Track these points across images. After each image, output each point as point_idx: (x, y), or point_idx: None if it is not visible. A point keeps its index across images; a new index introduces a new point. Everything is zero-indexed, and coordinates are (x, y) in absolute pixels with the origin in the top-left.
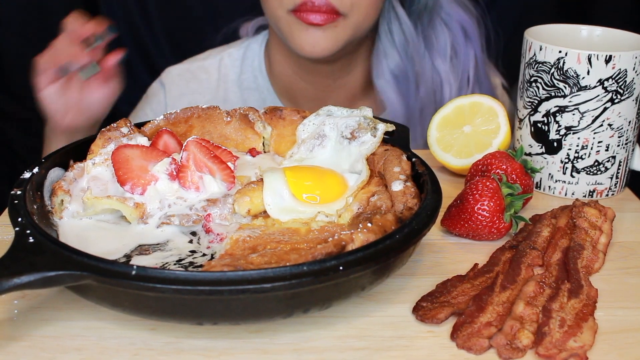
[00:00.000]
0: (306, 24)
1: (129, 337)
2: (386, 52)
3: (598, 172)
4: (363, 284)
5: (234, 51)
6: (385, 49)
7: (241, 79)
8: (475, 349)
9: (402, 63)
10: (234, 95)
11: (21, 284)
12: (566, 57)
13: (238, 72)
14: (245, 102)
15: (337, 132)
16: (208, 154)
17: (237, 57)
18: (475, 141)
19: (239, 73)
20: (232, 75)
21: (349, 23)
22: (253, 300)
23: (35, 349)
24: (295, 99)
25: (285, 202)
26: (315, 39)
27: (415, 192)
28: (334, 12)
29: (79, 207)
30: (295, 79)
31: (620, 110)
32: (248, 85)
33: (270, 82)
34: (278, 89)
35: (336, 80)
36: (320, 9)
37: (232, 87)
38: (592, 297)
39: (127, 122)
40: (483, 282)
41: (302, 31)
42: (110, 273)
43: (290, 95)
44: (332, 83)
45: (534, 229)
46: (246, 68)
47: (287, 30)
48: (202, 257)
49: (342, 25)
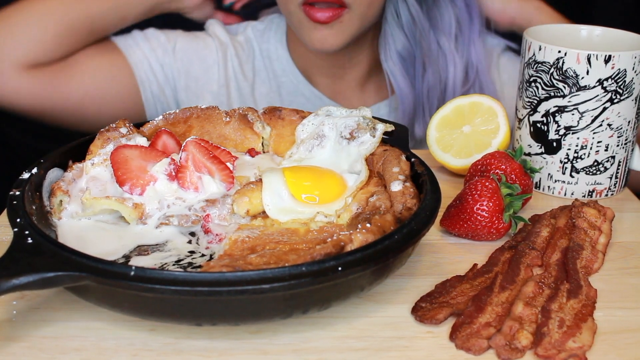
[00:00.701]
0: (314, 22)
1: (128, 338)
2: (393, 33)
3: (597, 172)
4: (362, 284)
5: (258, 23)
6: (392, 30)
7: (262, 48)
8: (474, 349)
9: (409, 44)
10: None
11: (20, 284)
12: (565, 57)
13: (260, 42)
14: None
15: (336, 132)
16: (207, 155)
17: (259, 29)
18: (475, 141)
19: (261, 42)
20: (255, 44)
21: (354, 15)
22: (252, 300)
23: (34, 350)
24: (313, 76)
25: (284, 202)
26: (323, 36)
27: (414, 192)
28: (339, 3)
29: (78, 207)
30: (310, 58)
31: (620, 110)
32: (269, 55)
33: (289, 55)
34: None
35: (351, 59)
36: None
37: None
38: (591, 297)
39: (125, 122)
40: (482, 282)
41: (310, 29)
42: (109, 274)
43: (308, 72)
44: (347, 62)
45: (533, 229)
46: (269, 38)
47: (298, 25)
48: (201, 257)
49: (347, 19)
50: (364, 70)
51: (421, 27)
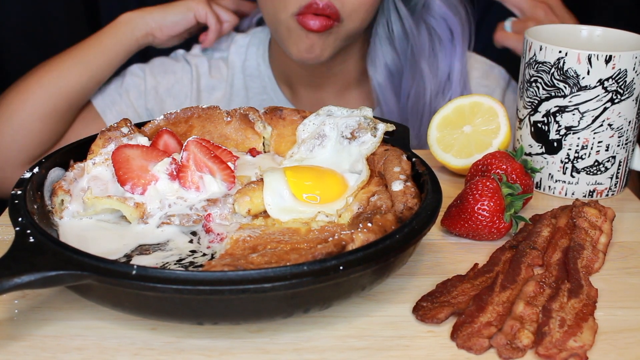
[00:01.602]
0: (306, 30)
1: (129, 337)
2: (383, 48)
3: (598, 172)
4: (363, 283)
5: (240, 38)
6: (382, 44)
7: (245, 65)
8: (475, 348)
9: (398, 59)
10: (238, 82)
11: (22, 283)
12: (566, 57)
13: (243, 59)
14: (247, 89)
15: (337, 132)
16: (208, 154)
17: (242, 44)
18: (476, 141)
19: (244, 59)
20: (237, 61)
21: (343, 30)
22: (253, 300)
23: (35, 349)
24: (293, 86)
25: (285, 202)
26: (311, 45)
27: (415, 192)
28: (334, 15)
29: (79, 207)
30: (292, 67)
31: (620, 110)
32: (251, 72)
33: (271, 70)
34: (278, 75)
35: (331, 69)
36: (324, 10)
37: (237, 73)
38: (592, 297)
39: (127, 122)
40: (483, 282)
41: (300, 37)
42: (110, 273)
43: (289, 82)
44: (328, 71)
45: (534, 229)
46: (250, 55)
47: (286, 34)
48: (202, 257)
49: (335, 33)
50: (345, 81)
51: (413, 42)
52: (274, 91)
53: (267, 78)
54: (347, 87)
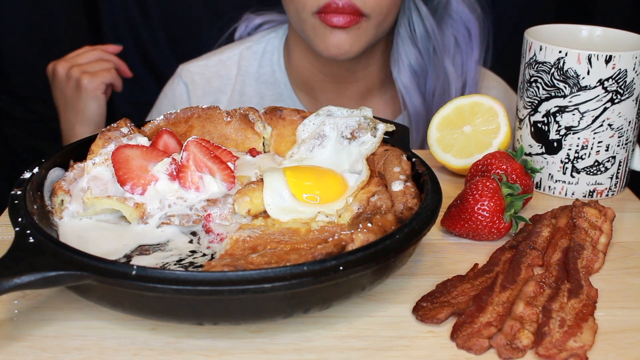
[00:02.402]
0: (330, 27)
1: (129, 337)
2: (406, 48)
3: (598, 172)
4: (363, 284)
5: (254, 45)
6: (404, 45)
7: (259, 73)
8: (475, 349)
9: (422, 59)
10: (250, 89)
11: (21, 284)
12: (566, 57)
13: (257, 66)
14: (261, 96)
15: (337, 132)
16: (208, 154)
17: (257, 51)
18: (476, 141)
19: (258, 67)
20: (251, 68)
21: (372, 24)
22: (253, 300)
23: (35, 349)
24: (313, 92)
25: (285, 202)
26: (339, 41)
27: (415, 192)
28: (357, 13)
29: (79, 207)
30: (313, 72)
31: (620, 111)
32: (266, 80)
33: (287, 77)
34: (295, 82)
35: (355, 73)
36: (344, 10)
37: (249, 80)
38: (592, 297)
39: (127, 122)
40: (483, 282)
41: (326, 34)
42: (110, 273)
43: (308, 88)
44: (351, 76)
45: (534, 229)
46: (265, 62)
47: (312, 32)
48: (202, 257)
49: (364, 27)
50: (367, 87)
51: (435, 41)
52: (290, 98)
53: (283, 85)
54: (370, 93)
